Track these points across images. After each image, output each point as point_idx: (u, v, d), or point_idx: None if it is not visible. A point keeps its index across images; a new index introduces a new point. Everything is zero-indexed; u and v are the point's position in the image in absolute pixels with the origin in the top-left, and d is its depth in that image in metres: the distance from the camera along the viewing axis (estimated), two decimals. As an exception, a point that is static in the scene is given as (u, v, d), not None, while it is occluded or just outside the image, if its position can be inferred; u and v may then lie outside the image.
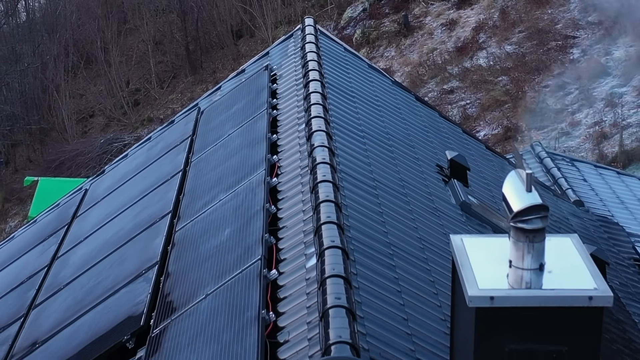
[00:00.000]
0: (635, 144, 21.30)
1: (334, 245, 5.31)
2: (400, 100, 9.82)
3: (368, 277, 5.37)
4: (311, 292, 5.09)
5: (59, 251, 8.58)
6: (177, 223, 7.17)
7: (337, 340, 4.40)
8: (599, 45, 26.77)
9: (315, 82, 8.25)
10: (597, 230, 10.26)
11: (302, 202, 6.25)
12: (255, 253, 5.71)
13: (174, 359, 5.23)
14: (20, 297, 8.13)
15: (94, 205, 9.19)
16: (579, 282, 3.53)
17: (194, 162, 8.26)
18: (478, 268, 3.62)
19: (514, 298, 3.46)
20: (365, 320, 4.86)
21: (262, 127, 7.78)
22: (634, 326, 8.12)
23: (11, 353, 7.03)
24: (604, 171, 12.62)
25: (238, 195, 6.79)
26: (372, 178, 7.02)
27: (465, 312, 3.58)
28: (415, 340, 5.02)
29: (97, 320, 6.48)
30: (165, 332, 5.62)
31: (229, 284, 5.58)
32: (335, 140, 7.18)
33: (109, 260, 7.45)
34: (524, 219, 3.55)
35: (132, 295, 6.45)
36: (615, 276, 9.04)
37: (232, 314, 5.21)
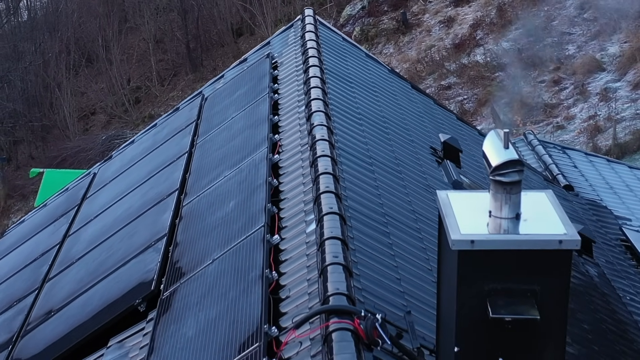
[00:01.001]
0: (629, 137, 21.71)
1: (332, 211, 5.72)
2: (397, 87, 10.23)
3: (364, 241, 5.77)
4: (311, 254, 5.49)
5: (70, 229, 8.99)
6: (184, 199, 7.58)
7: (335, 292, 4.81)
8: (594, 41, 27.19)
9: (315, 68, 8.66)
10: (586, 213, 10.67)
11: (302, 175, 6.66)
12: (258, 221, 6.12)
13: (183, 316, 5.63)
14: (33, 272, 8.53)
15: (103, 187, 9.60)
16: (550, 229, 3.93)
17: (199, 144, 8.66)
18: (461, 217, 4.02)
19: (492, 242, 3.86)
20: (361, 278, 5.27)
21: (264, 110, 8.19)
22: (618, 299, 8.52)
23: (27, 321, 7.43)
24: (594, 159, 13.03)
25: (242, 172, 7.20)
26: (368, 155, 7.42)
27: (449, 256, 3.98)
28: (407, 297, 5.42)
29: (109, 288, 6.89)
30: (174, 294, 6.03)
31: (234, 249, 5.98)
32: (333, 120, 7.59)
33: (119, 235, 7.85)
34: (501, 172, 3.96)
35: (143, 265, 6.86)
36: (601, 254, 9.45)
37: (238, 275, 5.61)
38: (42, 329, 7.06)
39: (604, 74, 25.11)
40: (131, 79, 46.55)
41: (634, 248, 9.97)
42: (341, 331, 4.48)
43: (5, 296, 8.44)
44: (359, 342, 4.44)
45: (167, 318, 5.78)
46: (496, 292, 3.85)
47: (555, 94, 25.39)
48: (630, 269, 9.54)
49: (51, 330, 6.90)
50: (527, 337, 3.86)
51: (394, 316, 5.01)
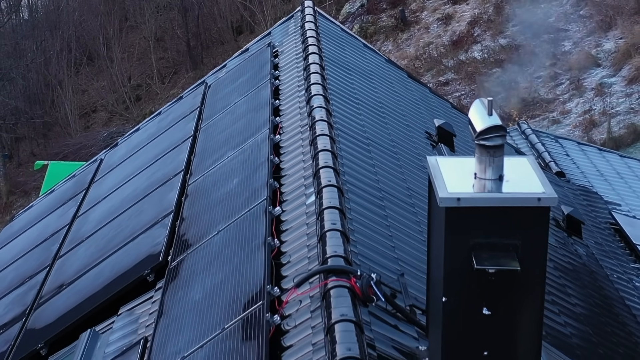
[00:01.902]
0: (623, 131, 22.08)
1: (331, 184, 6.07)
2: (393, 76, 10.58)
3: (360, 212, 6.12)
4: (310, 223, 5.84)
5: (79, 211, 9.34)
6: (189, 178, 7.93)
7: (333, 254, 5.16)
8: (589, 37, 27.55)
9: (314, 55, 9.01)
10: (577, 197, 11.02)
11: (302, 154, 7.01)
12: (261, 195, 6.47)
13: (190, 283, 5.98)
14: (44, 251, 8.88)
15: (110, 172, 9.95)
16: (530, 188, 4.27)
17: (203, 128, 9.01)
18: (448, 179, 4.36)
19: (477, 199, 4.20)
20: (357, 244, 5.62)
21: (265, 95, 8.54)
22: (606, 277, 8.87)
23: (39, 295, 7.78)
24: (586, 147, 13.39)
25: (244, 152, 7.55)
26: (365, 137, 7.78)
27: (438, 214, 4.32)
28: (400, 263, 5.77)
29: (119, 262, 7.24)
30: (182, 263, 6.38)
31: (238, 221, 6.34)
32: (332, 104, 7.94)
33: (127, 214, 8.20)
34: (485, 137, 4.30)
35: (150, 239, 7.21)
36: (591, 236, 9.80)
37: (242, 243, 5.97)
38: (54, 302, 7.40)
39: (599, 70, 25.47)
40: (132, 77, 46.87)
41: (622, 231, 10.32)
42: (338, 288, 4.83)
43: (17, 275, 8.78)
44: (355, 298, 4.79)
45: (175, 285, 6.13)
46: (480, 246, 4.19)
47: (551, 89, 25.76)
48: (618, 250, 9.89)
49: (63, 302, 7.25)
50: (508, 288, 4.21)
51: (388, 279, 5.36)
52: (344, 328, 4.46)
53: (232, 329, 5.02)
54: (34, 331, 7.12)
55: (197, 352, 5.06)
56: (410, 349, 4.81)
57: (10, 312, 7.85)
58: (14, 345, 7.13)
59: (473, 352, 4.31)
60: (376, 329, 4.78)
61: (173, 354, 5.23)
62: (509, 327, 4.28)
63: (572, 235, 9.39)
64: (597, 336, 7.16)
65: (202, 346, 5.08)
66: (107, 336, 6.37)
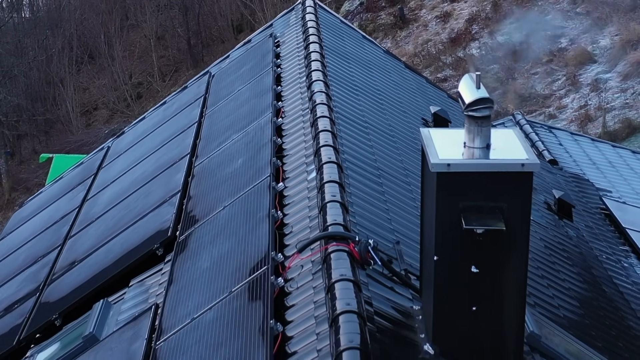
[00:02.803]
0: (618, 125, 22.44)
1: (331, 161, 6.43)
2: (391, 66, 10.94)
3: (358, 187, 6.48)
4: (312, 196, 6.20)
5: (88, 195, 9.69)
6: (195, 160, 8.29)
7: (333, 222, 5.52)
8: (586, 34, 27.92)
9: (315, 45, 9.38)
10: (569, 184, 11.38)
11: (304, 135, 7.37)
12: (264, 172, 6.83)
13: (198, 253, 6.34)
14: (55, 232, 9.23)
15: (117, 158, 10.30)
16: (515, 155, 4.63)
17: (207, 114, 9.37)
18: (440, 147, 4.72)
19: (466, 165, 4.55)
20: (356, 215, 5.98)
21: (268, 82, 8.90)
22: (595, 258, 9.22)
23: (52, 272, 8.14)
24: (579, 138, 13.74)
25: (248, 134, 7.91)
26: (363, 120, 8.14)
27: (430, 179, 4.68)
28: (396, 234, 6.13)
29: (128, 238, 7.59)
30: (190, 236, 6.74)
31: (243, 197, 6.69)
32: (331, 89, 8.30)
33: (135, 195, 8.55)
34: (474, 108, 4.66)
35: (159, 217, 7.57)
36: (581, 220, 10.16)
37: (247, 216, 6.33)
38: (66, 277, 7.76)
39: (595, 66, 25.83)
40: (133, 75, 47.22)
41: (612, 215, 10.67)
42: (338, 252, 5.19)
43: (29, 255, 9.13)
44: (353, 262, 5.15)
45: (183, 256, 6.48)
46: (468, 208, 4.56)
47: (547, 85, 26.12)
48: (608, 233, 10.24)
49: (75, 276, 7.60)
50: (495, 247, 4.57)
51: (385, 247, 5.71)
52: (343, 286, 4.81)
53: (239, 292, 5.38)
54: (48, 304, 7.47)
55: (206, 313, 5.42)
56: (405, 308, 5.17)
57: (24, 289, 8.20)
58: (29, 317, 7.48)
59: (462, 307, 4.67)
60: (373, 290, 5.14)
61: (183, 316, 5.58)
62: (496, 284, 4.64)
63: (563, 218, 9.74)
64: (584, 309, 7.51)
65: (211, 308, 5.44)
66: (119, 306, 6.73)
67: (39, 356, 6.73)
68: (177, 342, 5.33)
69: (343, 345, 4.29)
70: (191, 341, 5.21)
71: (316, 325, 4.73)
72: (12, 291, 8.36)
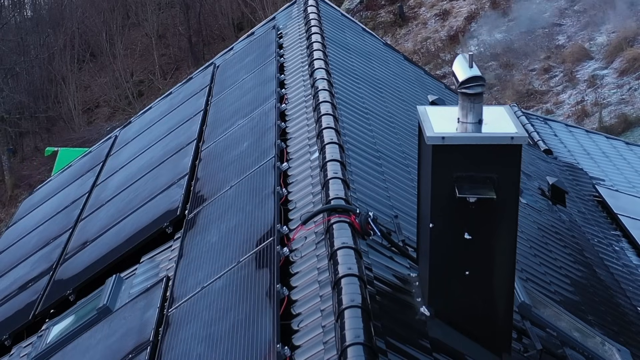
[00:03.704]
0: (614, 121, 22.79)
1: (333, 141, 6.76)
2: (390, 57, 11.28)
3: (359, 167, 6.82)
4: (314, 175, 6.54)
5: (97, 180, 10.03)
6: (202, 145, 8.62)
7: (335, 196, 5.86)
8: (583, 31, 28.28)
9: (317, 35, 9.72)
10: (563, 172, 11.72)
11: (306, 119, 7.71)
12: (269, 153, 7.16)
13: (207, 229, 6.68)
14: (66, 216, 9.57)
15: (125, 145, 10.64)
16: (505, 129, 4.96)
17: (213, 103, 9.70)
18: (435, 122, 5.05)
19: (459, 138, 4.88)
20: (357, 191, 6.32)
21: (271, 70, 9.23)
22: (587, 241, 9.56)
23: (65, 252, 8.47)
24: (574, 129, 14.08)
25: (253, 119, 8.24)
26: (364, 107, 8.47)
27: (426, 151, 5.01)
28: (395, 209, 6.47)
29: (139, 218, 7.93)
30: (198, 214, 7.07)
31: (249, 176, 7.03)
32: (333, 77, 8.63)
33: (144, 179, 8.89)
34: (467, 86, 4.99)
35: (168, 198, 7.90)
36: (574, 205, 10.49)
37: (253, 194, 6.66)
38: (79, 256, 8.09)
39: (592, 62, 26.19)
40: (134, 73, 47.55)
41: (605, 202, 11.00)
42: (340, 223, 5.52)
43: (41, 238, 9.47)
44: (354, 232, 5.48)
45: (192, 232, 6.82)
46: (462, 179, 4.89)
47: (545, 82, 26.47)
48: (600, 219, 10.58)
49: (87, 255, 7.94)
50: (486, 214, 4.90)
51: (383, 220, 6.05)
52: (345, 253, 5.15)
53: (246, 261, 5.72)
54: (62, 281, 7.81)
55: (215, 282, 5.75)
56: (403, 275, 5.51)
57: (38, 268, 8.53)
58: (44, 294, 7.81)
59: (456, 271, 5.00)
60: (373, 258, 5.47)
61: (194, 285, 5.92)
62: (487, 250, 4.98)
63: (557, 204, 10.08)
64: (575, 287, 7.84)
65: (220, 277, 5.77)
66: (131, 280, 7.06)
67: (54, 328, 7.05)
68: (188, 309, 5.66)
69: (345, 304, 4.62)
70: (201, 307, 5.55)
71: (319, 288, 5.06)
72: (26, 271, 8.69)
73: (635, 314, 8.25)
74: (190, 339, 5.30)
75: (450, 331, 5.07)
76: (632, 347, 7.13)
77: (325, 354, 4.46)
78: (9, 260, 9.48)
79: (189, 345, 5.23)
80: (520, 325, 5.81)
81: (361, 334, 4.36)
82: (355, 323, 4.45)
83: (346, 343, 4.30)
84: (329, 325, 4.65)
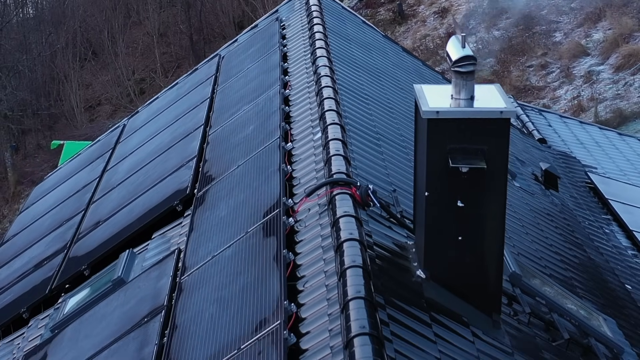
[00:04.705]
0: (610, 115, 23.21)
1: (334, 122, 7.16)
2: (389, 48, 11.68)
3: (359, 146, 7.21)
4: (317, 153, 6.93)
5: (108, 166, 10.42)
6: (209, 130, 9.01)
7: (337, 171, 6.25)
8: (580, 28, 28.69)
9: (318, 26, 10.11)
10: (556, 160, 12.11)
11: (309, 104, 8.10)
12: (275, 134, 7.55)
13: (216, 205, 7.07)
14: (78, 199, 9.96)
15: (134, 133, 11.03)
16: (494, 104, 5.35)
17: (219, 90, 10.10)
18: (430, 98, 5.44)
19: (452, 112, 5.27)
20: (357, 168, 6.71)
21: (275, 59, 9.63)
22: (578, 224, 9.95)
23: (78, 231, 8.86)
24: (568, 120, 14.48)
25: (258, 105, 8.64)
26: (363, 93, 8.87)
27: (422, 125, 5.40)
28: (393, 185, 6.86)
29: (149, 198, 8.32)
30: (207, 192, 7.46)
31: (255, 156, 7.42)
32: (334, 64, 9.03)
33: (153, 163, 9.28)
34: (459, 64, 5.39)
35: (177, 179, 8.29)
36: (567, 191, 10.89)
37: (259, 171, 7.05)
38: (92, 235, 8.49)
39: (588, 58, 26.61)
40: (136, 71, 47.88)
41: (596, 189, 11.40)
42: (342, 195, 5.92)
43: (54, 220, 9.86)
44: (355, 203, 5.87)
45: (202, 208, 7.21)
46: (455, 150, 5.28)
47: (542, 78, 26.89)
48: (591, 204, 10.98)
49: (100, 234, 8.33)
50: (477, 183, 5.29)
51: (382, 195, 6.44)
52: (346, 220, 5.54)
53: (254, 231, 6.11)
54: (76, 258, 8.20)
55: (225, 250, 6.15)
56: (401, 242, 5.91)
57: (52, 248, 8.92)
58: (59, 270, 8.21)
59: (449, 236, 5.40)
60: (373, 227, 5.87)
61: (204, 255, 6.31)
62: (478, 216, 5.37)
63: (550, 188, 10.47)
64: (565, 264, 8.23)
65: (229, 246, 6.16)
66: (143, 255, 7.45)
67: (70, 301, 7.44)
68: (200, 276, 6.06)
69: (347, 265, 5.01)
70: (212, 273, 5.94)
71: (323, 252, 5.46)
72: (40, 251, 9.08)
73: (623, 291, 8.64)
74: (202, 301, 5.69)
75: (444, 292, 5.46)
76: (618, 320, 7.53)
77: (328, 309, 4.86)
78: (22, 242, 9.87)
79: (202, 307, 5.62)
80: (511, 292, 6.20)
81: (362, 289, 4.76)
82: (356, 280, 4.85)
83: (348, 297, 4.69)
84: (332, 284, 5.04)
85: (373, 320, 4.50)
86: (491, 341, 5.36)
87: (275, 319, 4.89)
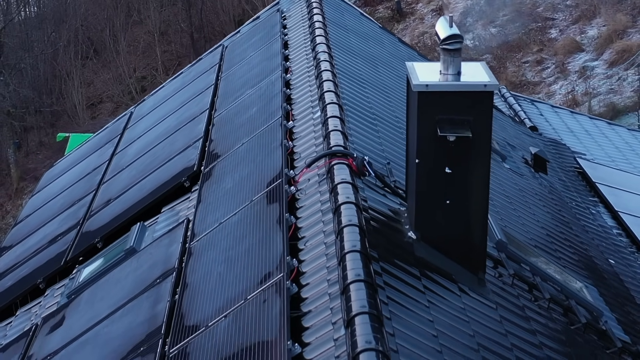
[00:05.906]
0: (603, 109, 23.71)
1: (333, 102, 7.65)
2: (386, 38, 12.16)
3: (356, 124, 7.70)
4: (317, 130, 7.41)
5: (117, 150, 10.90)
6: (214, 113, 9.50)
7: (335, 144, 6.74)
8: (575, 25, 29.20)
9: (318, 16, 10.60)
10: (547, 146, 12.60)
11: (309, 87, 8.58)
12: (277, 114, 8.04)
13: (222, 179, 7.55)
14: (88, 181, 10.43)
15: (142, 119, 11.51)
16: (479, 79, 5.83)
17: (223, 77, 10.58)
18: (421, 73, 5.92)
19: (441, 85, 5.75)
20: (354, 143, 7.19)
21: (277, 47, 10.11)
22: (565, 204, 10.43)
23: (90, 209, 9.34)
24: (559, 109, 14.97)
25: (261, 88, 9.12)
26: (361, 78, 9.35)
27: (413, 98, 5.88)
28: (387, 159, 7.35)
29: (158, 177, 8.80)
30: (213, 168, 7.95)
31: (259, 134, 7.91)
32: (333, 52, 9.51)
33: (161, 145, 9.76)
34: (447, 42, 5.87)
35: (185, 158, 8.78)
36: (556, 174, 11.37)
37: (263, 147, 7.54)
38: (104, 211, 8.97)
39: (582, 54, 27.12)
40: (137, 69, 48.34)
41: (584, 173, 11.88)
42: (340, 165, 6.41)
43: (66, 201, 10.33)
44: (352, 173, 6.36)
45: (209, 182, 7.70)
46: (443, 120, 5.77)
47: (537, 73, 27.41)
48: (579, 187, 11.46)
49: (112, 209, 8.81)
50: (464, 151, 5.77)
51: (377, 167, 6.93)
52: (344, 187, 6.03)
53: (258, 199, 6.60)
54: (89, 232, 8.68)
55: (231, 218, 6.63)
56: (394, 208, 6.39)
57: (65, 225, 9.40)
58: (73, 244, 8.68)
59: (438, 201, 5.88)
60: (368, 194, 6.36)
61: (212, 222, 6.79)
62: (465, 182, 5.85)
63: (539, 171, 10.95)
64: (551, 238, 8.71)
65: (235, 214, 6.65)
66: (154, 227, 7.93)
67: (85, 270, 7.92)
68: (208, 240, 6.54)
69: (344, 224, 5.50)
70: (219, 237, 6.43)
71: (322, 215, 5.94)
72: (54, 228, 9.55)
73: (607, 265, 9.12)
74: (210, 262, 6.18)
75: (434, 252, 5.95)
76: (600, 289, 8.01)
77: (327, 262, 5.34)
78: (35, 222, 10.34)
79: (210, 267, 6.10)
80: (497, 256, 6.69)
81: (358, 244, 5.24)
82: (353, 237, 5.33)
83: (345, 251, 5.18)
84: (330, 242, 5.53)
85: (367, 270, 4.99)
86: (477, 297, 5.85)
87: (278, 272, 5.38)
